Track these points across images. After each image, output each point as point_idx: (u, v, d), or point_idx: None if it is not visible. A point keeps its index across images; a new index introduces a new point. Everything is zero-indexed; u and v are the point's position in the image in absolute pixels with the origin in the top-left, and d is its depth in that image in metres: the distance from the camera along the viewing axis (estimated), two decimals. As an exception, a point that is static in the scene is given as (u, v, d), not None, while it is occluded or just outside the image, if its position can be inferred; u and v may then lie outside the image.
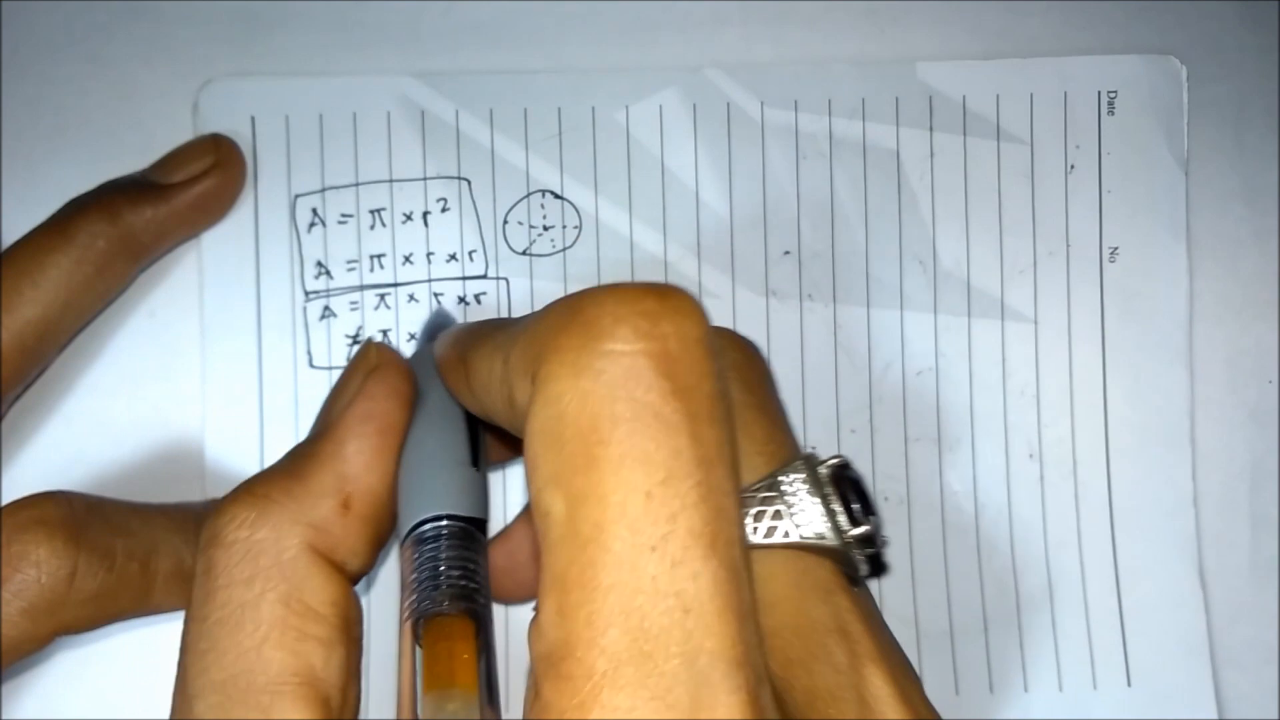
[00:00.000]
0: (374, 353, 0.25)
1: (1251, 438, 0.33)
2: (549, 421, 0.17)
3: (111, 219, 0.29)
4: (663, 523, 0.17)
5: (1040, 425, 0.33)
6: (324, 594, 0.21)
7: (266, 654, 0.20)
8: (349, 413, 0.23)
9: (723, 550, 0.17)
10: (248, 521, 0.22)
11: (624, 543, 0.16)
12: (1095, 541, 0.32)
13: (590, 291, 0.18)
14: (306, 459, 0.23)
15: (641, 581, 0.16)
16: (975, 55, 0.33)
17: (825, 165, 0.33)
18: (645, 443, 0.17)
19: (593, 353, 0.17)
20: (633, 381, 0.17)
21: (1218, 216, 0.33)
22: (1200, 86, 0.33)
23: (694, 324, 0.18)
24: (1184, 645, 0.32)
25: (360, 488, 0.23)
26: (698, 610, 0.16)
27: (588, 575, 0.16)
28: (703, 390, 0.18)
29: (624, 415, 0.17)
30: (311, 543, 0.22)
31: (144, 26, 0.32)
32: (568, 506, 0.17)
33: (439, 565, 0.21)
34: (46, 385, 0.31)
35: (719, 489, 0.17)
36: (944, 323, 0.33)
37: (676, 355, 0.17)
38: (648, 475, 0.17)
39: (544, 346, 0.18)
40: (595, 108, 0.32)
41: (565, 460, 0.17)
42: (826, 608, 0.20)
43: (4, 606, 0.24)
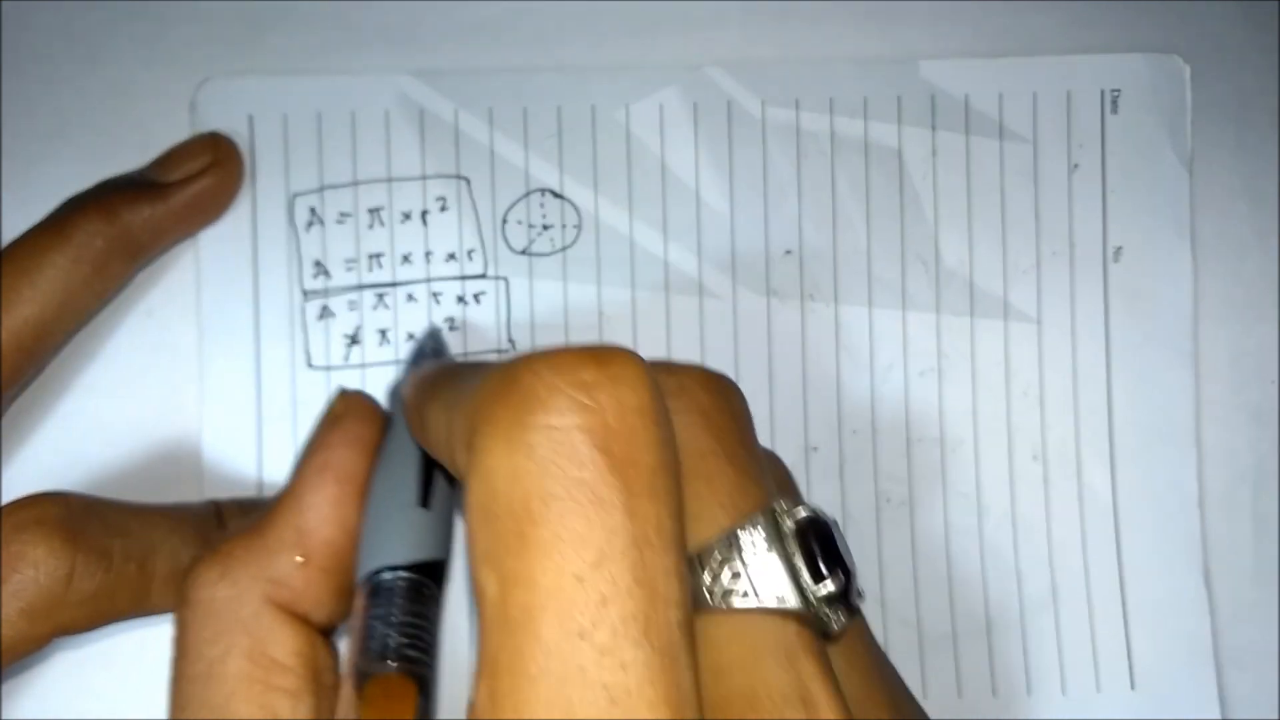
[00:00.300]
0: (339, 403, 0.25)
1: (1255, 438, 0.33)
2: (482, 497, 0.17)
3: (109, 218, 0.29)
4: (592, 608, 0.16)
5: (1044, 426, 0.32)
6: (288, 646, 0.22)
7: (235, 707, 0.21)
8: (307, 464, 0.24)
9: (656, 636, 0.16)
10: (210, 581, 0.22)
11: (553, 630, 0.16)
12: (1099, 543, 0.32)
13: (527, 359, 0.18)
14: (267, 516, 0.23)
15: (569, 671, 0.16)
16: (978, 54, 0.33)
17: (827, 164, 0.32)
18: (578, 523, 0.16)
19: (525, 426, 0.17)
20: (567, 457, 0.16)
21: (1222, 216, 0.33)
22: (1204, 85, 0.33)
23: (634, 392, 0.17)
24: (1188, 647, 0.32)
25: (317, 540, 0.23)
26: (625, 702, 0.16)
27: (517, 663, 0.16)
28: (643, 463, 0.17)
29: (557, 493, 0.16)
30: (272, 597, 0.22)
31: (141, 25, 0.32)
32: (500, 588, 0.16)
33: (388, 621, 0.21)
34: (44, 385, 0.31)
35: (656, 569, 0.16)
36: (947, 323, 0.32)
37: (614, 428, 0.17)
38: (579, 557, 0.16)
39: (479, 417, 0.17)
40: (595, 106, 0.32)
41: (498, 539, 0.17)
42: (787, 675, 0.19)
43: (1, 607, 0.24)
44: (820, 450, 0.32)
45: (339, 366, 0.31)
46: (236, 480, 0.31)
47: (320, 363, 0.31)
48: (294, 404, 0.31)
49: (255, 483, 0.31)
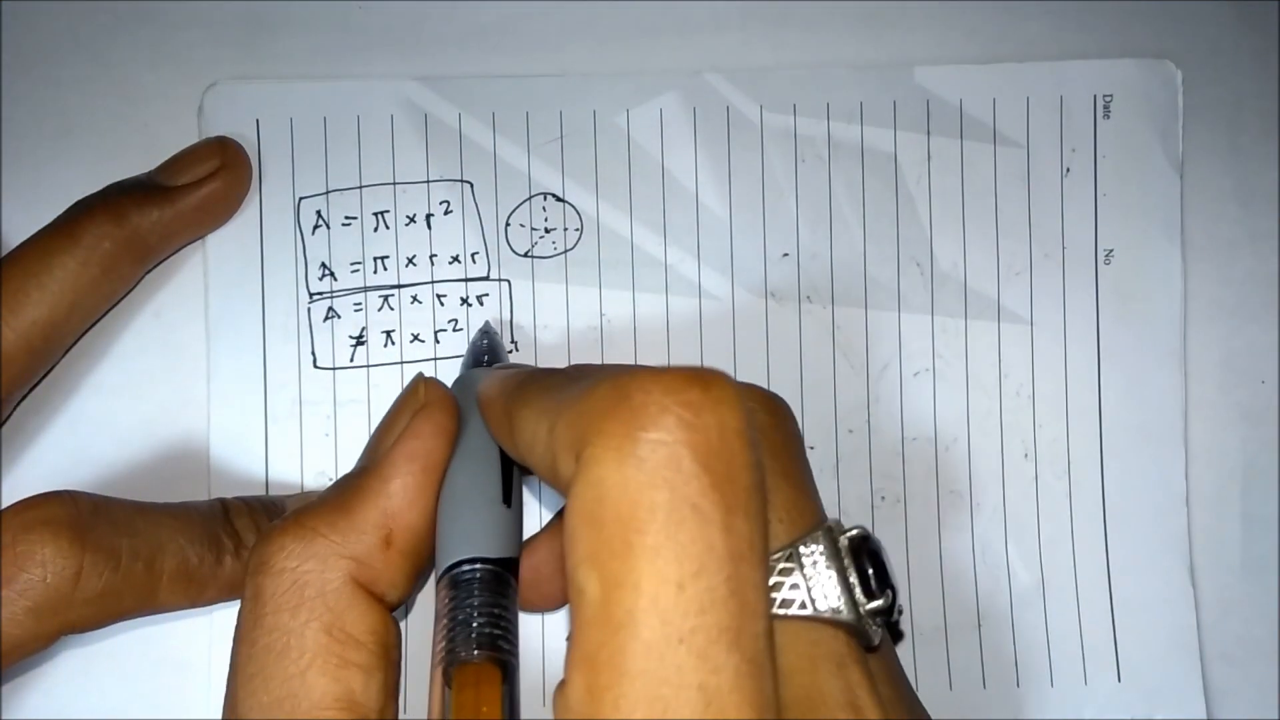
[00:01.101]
0: (423, 389, 0.25)
1: (1245, 437, 0.33)
2: (590, 503, 0.18)
3: (118, 221, 0.28)
4: (692, 616, 0.17)
5: (1035, 425, 0.33)
6: (365, 623, 0.22)
7: (310, 680, 0.21)
8: (396, 450, 0.24)
9: (747, 645, 0.17)
10: (295, 553, 0.22)
11: (654, 632, 0.17)
12: (1088, 540, 0.32)
13: (637, 376, 0.18)
14: (352, 493, 0.24)
15: (667, 672, 0.17)
16: (972, 59, 0.33)
17: (823, 168, 0.32)
18: (680, 535, 0.17)
19: (636, 441, 0.17)
20: (673, 472, 0.17)
21: (1212, 219, 0.33)
22: (1195, 90, 0.33)
23: (735, 415, 0.18)
24: (1173, 642, 0.32)
25: (402, 524, 0.23)
26: (718, 703, 0.17)
27: (617, 660, 0.17)
28: (740, 483, 0.18)
29: (662, 505, 0.17)
30: (354, 575, 0.23)
31: (149, 30, 0.31)
32: (602, 589, 0.17)
33: (469, 611, 0.22)
34: (52, 386, 0.30)
35: (748, 583, 0.17)
36: (941, 324, 0.32)
37: (716, 448, 0.18)
38: (680, 567, 0.17)
39: (589, 428, 0.18)
40: (596, 111, 0.32)
41: (603, 543, 0.17)
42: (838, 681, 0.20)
43: (9, 605, 0.24)
44: (817, 449, 0.32)
45: (344, 367, 0.31)
46: (243, 479, 0.31)
47: (326, 363, 0.31)
48: (300, 404, 0.31)
49: (262, 482, 0.31)
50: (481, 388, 0.25)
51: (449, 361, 0.31)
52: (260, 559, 0.23)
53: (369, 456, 0.25)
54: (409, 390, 0.26)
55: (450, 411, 0.25)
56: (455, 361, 0.31)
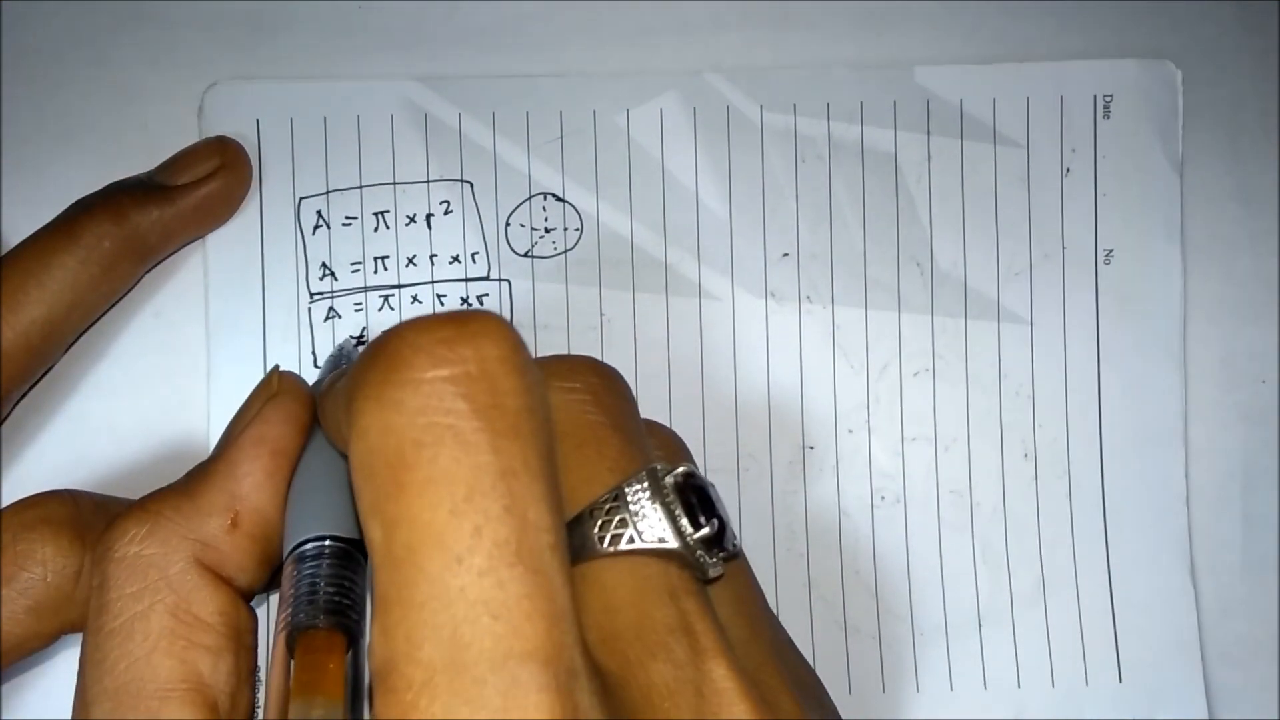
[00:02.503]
0: (275, 380, 0.25)
1: (1245, 437, 0.33)
2: (362, 455, 0.18)
3: (117, 220, 0.28)
4: (467, 536, 0.17)
5: (1035, 425, 0.32)
6: (212, 605, 0.22)
7: (155, 661, 0.21)
8: (244, 435, 0.24)
9: (529, 558, 0.17)
10: (137, 537, 0.22)
11: (433, 560, 0.17)
12: (1088, 540, 0.32)
13: (395, 327, 0.18)
14: (198, 478, 0.23)
15: (451, 594, 0.17)
16: (972, 59, 0.33)
17: (824, 168, 0.32)
18: (447, 463, 0.17)
19: (392, 384, 0.18)
20: (432, 407, 0.17)
21: (1213, 219, 0.33)
22: (1195, 90, 0.33)
23: (494, 344, 0.18)
24: (1175, 642, 0.32)
25: (248, 506, 0.23)
26: (505, 616, 0.17)
27: (404, 594, 0.17)
28: (505, 406, 0.18)
29: (425, 440, 0.17)
30: (199, 557, 0.22)
31: (149, 29, 0.31)
32: (384, 533, 0.17)
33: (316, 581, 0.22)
34: (52, 385, 0.30)
35: (524, 497, 0.17)
36: (941, 324, 0.32)
37: (475, 376, 0.18)
38: (450, 493, 0.17)
39: (354, 383, 0.18)
40: (596, 111, 0.32)
41: (378, 490, 0.17)
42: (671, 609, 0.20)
43: (9, 604, 0.24)
44: (817, 449, 0.32)
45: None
46: (243, 479, 0.30)
47: (326, 363, 0.31)
48: (300, 404, 0.31)
49: (261, 481, 0.31)
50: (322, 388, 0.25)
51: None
52: (104, 546, 0.22)
53: (220, 445, 0.25)
54: (263, 381, 0.26)
55: (303, 401, 0.25)
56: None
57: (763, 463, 0.32)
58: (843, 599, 0.32)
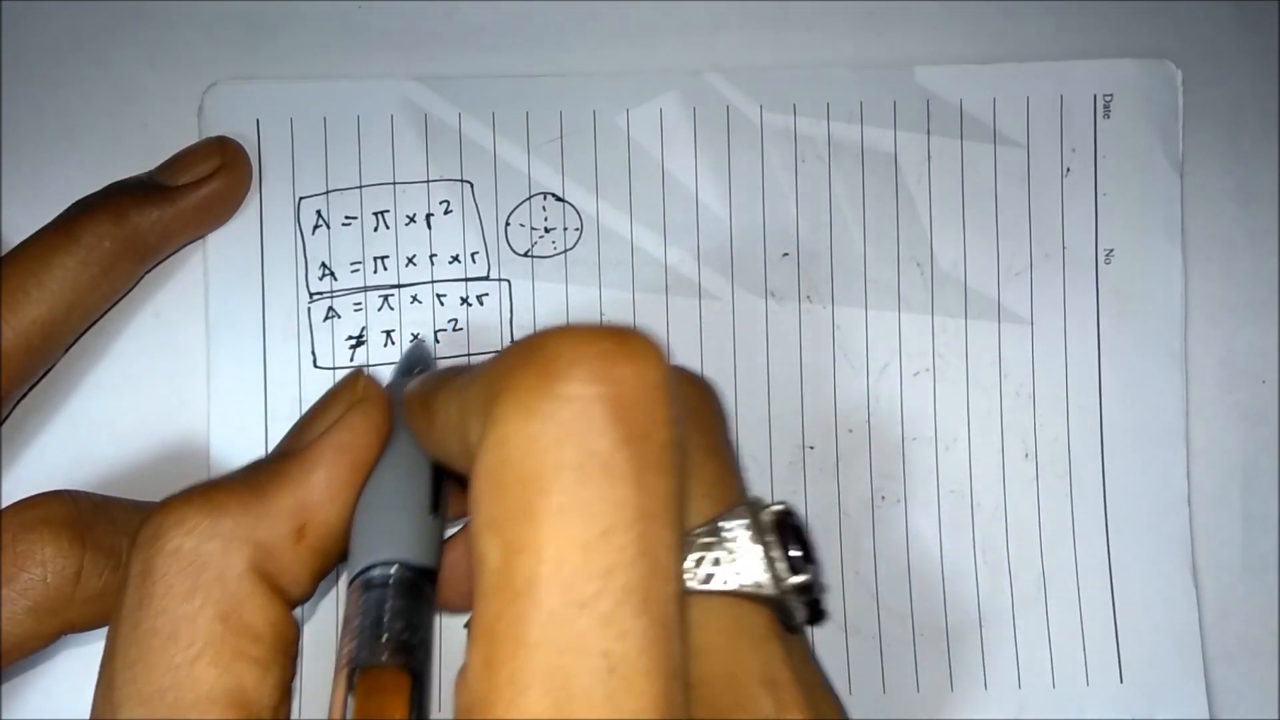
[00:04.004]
0: (361, 384, 0.24)
1: (1246, 437, 0.33)
2: (494, 464, 0.16)
3: (117, 220, 0.28)
4: (597, 578, 0.16)
5: (1036, 425, 0.32)
6: (264, 616, 0.20)
7: (199, 671, 0.19)
8: (325, 440, 0.22)
9: (655, 608, 0.16)
10: (197, 530, 0.20)
11: (555, 599, 0.16)
12: (1089, 540, 0.32)
13: (549, 331, 0.17)
14: (269, 476, 0.22)
15: (569, 640, 0.15)
16: (972, 59, 0.32)
17: (823, 168, 0.32)
18: (588, 493, 0.16)
19: (545, 395, 0.16)
20: (583, 427, 0.16)
21: (1213, 218, 0.33)
22: (1195, 89, 0.33)
23: (653, 368, 0.17)
24: (1176, 642, 0.32)
25: (318, 518, 0.22)
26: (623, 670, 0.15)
27: (516, 630, 0.16)
28: (655, 438, 0.17)
29: (570, 463, 0.16)
30: (259, 563, 0.21)
31: (149, 30, 0.31)
32: (503, 555, 0.16)
33: (383, 614, 0.20)
34: (52, 385, 0.30)
35: (659, 543, 0.16)
36: (941, 324, 0.32)
37: (631, 401, 0.16)
38: (587, 528, 0.16)
39: (498, 386, 0.17)
40: (596, 111, 0.32)
41: (504, 506, 0.16)
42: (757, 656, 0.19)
43: (9, 605, 0.24)
44: (816, 449, 0.32)
45: (344, 367, 0.31)
46: (243, 479, 0.30)
47: (326, 363, 0.31)
48: (300, 404, 0.31)
49: (261, 481, 0.30)
50: (407, 389, 0.23)
51: (450, 362, 0.31)
52: (154, 532, 0.20)
53: (292, 443, 0.23)
54: (345, 383, 0.24)
55: (386, 412, 0.23)
56: (456, 361, 0.31)
57: (763, 463, 0.31)
58: (843, 599, 0.31)
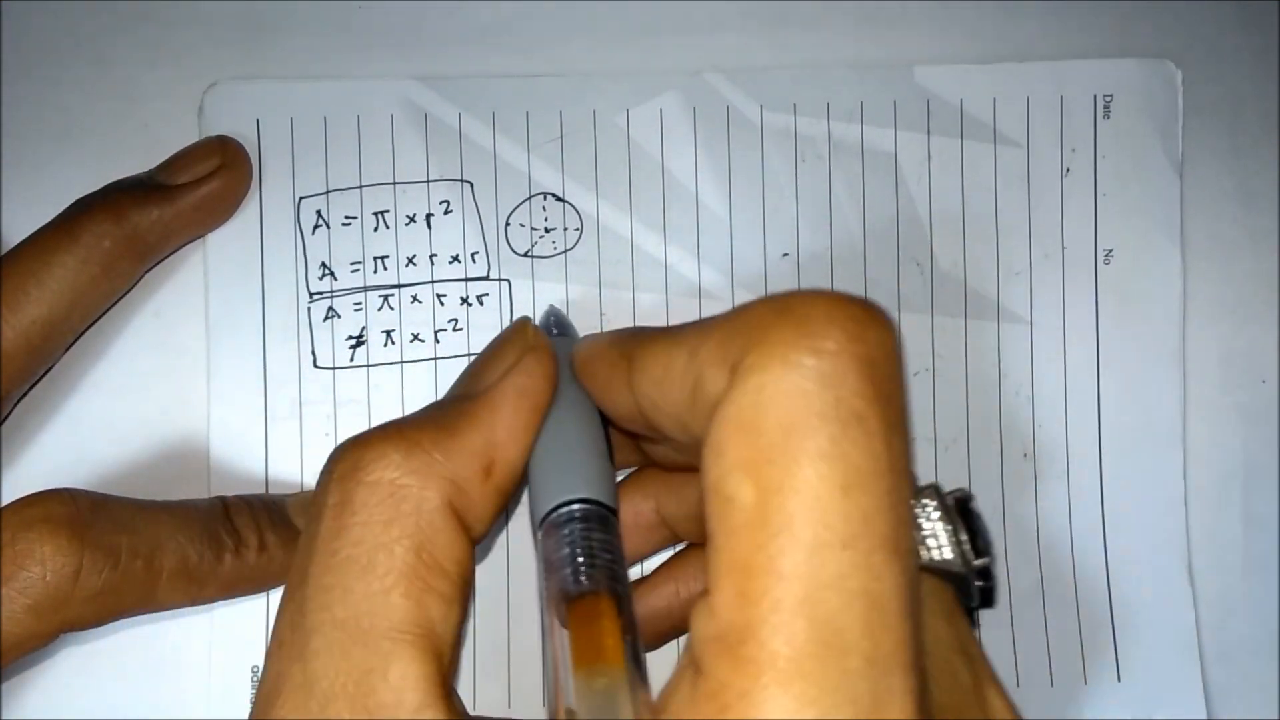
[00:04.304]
0: (531, 332, 0.25)
1: (1245, 437, 0.33)
2: (748, 409, 0.17)
3: (117, 219, 0.28)
4: (856, 521, 0.16)
5: (1035, 425, 0.32)
6: (452, 551, 0.21)
7: (393, 600, 0.20)
8: (506, 383, 0.23)
9: (904, 557, 0.17)
10: (396, 463, 0.21)
11: (817, 536, 0.16)
12: (1087, 540, 0.32)
13: (798, 293, 0.18)
14: (458, 416, 0.22)
15: (829, 576, 0.16)
16: (972, 59, 0.32)
17: (823, 168, 0.32)
18: (845, 443, 0.17)
19: (803, 349, 0.17)
20: (839, 381, 0.17)
21: (1213, 218, 0.33)
22: (1195, 89, 0.33)
23: (892, 336, 0.18)
24: (1173, 642, 0.32)
25: (503, 456, 0.22)
26: (880, 610, 0.16)
27: (776, 563, 0.16)
28: (896, 401, 0.17)
29: (829, 413, 0.17)
30: (451, 499, 0.21)
31: (149, 29, 0.31)
32: (759, 494, 0.17)
33: (583, 545, 0.21)
34: (52, 384, 0.30)
35: (904, 499, 0.17)
36: (940, 324, 0.32)
37: (879, 362, 0.17)
38: (845, 474, 0.16)
39: (751, 338, 0.18)
40: (596, 111, 0.31)
41: (761, 449, 0.17)
42: (950, 628, 0.20)
43: (9, 603, 0.24)
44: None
45: (344, 366, 0.31)
46: (243, 478, 0.30)
47: (326, 363, 0.31)
48: (299, 403, 0.31)
49: (262, 481, 0.30)
50: (582, 345, 0.24)
51: (449, 361, 0.31)
52: (354, 464, 0.21)
53: (469, 385, 0.24)
54: (515, 330, 0.25)
55: (554, 360, 0.24)
56: (456, 361, 0.31)
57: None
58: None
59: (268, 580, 0.28)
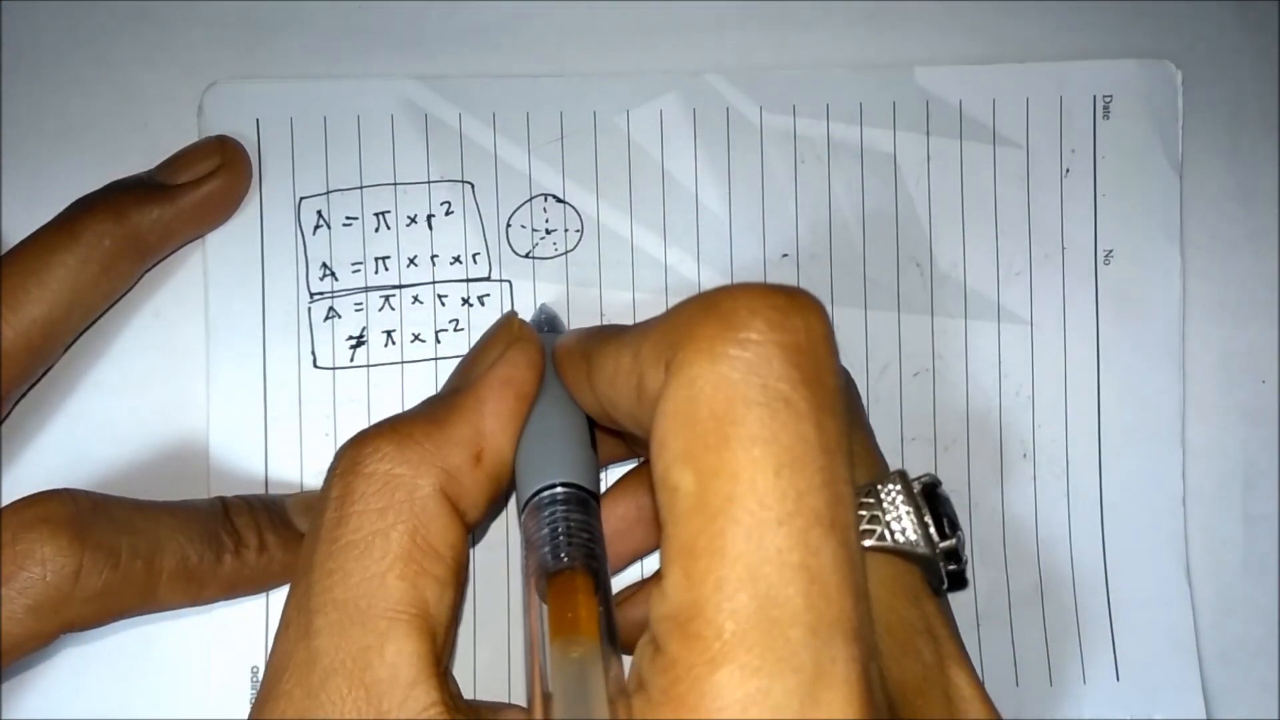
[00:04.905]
0: (516, 325, 0.26)
1: (1245, 437, 0.33)
2: (683, 403, 0.18)
3: (118, 219, 0.28)
4: (790, 500, 0.17)
5: (1034, 425, 0.32)
6: (446, 536, 0.22)
7: (389, 582, 0.21)
8: (491, 374, 0.24)
9: (840, 532, 0.17)
10: (389, 455, 0.22)
11: (753, 516, 0.17)
12: (1085, 539, 0.32)
13: (725, 288, 0.19)
14: (446, 408, 0.24)
15: (768, 552, 0.17)
16: (972, 60, 0.32)
17: (823, 169, 0.32)
18: (774, 426, 0.17)
19: (728, 341, 0.18)
20: (764, 369, 0.18)
21: (1213, 218, 0.33)
22: (1195, 89, 0.32)
23: (820, 322, 0.19)
24: (1171, 641, 0.32)
25: (492, 445, 0.23)
26: (821, 583, 0.17)
27: (717, 544, 0.17)
28: (826, 383, 0.18)
29: (756, 399, 0.17)
30: (443, 486, 0.22)
31: (149, 29, 0.31)
32: (698, 481, 0.17)
33: (561, 525, 0.22)
34: (51, 384, 0.30)
35: (839, 477, 0.18)
36: (940, 324, 0.32)
37: (805, 348, 0.18)
38: (777, 456, 0.17)
39: (681, 335, 0.18)
40: (596, 111, 0.31)
41: (697, 439, 0.18)
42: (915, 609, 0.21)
43: (8, 604, 0.24)
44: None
45: (344, 367, 0.31)
46: (243, 478, 0.30)
47: (326, 363, 0.31)
48: (299, 403, 0.30)
49: (262, 481, 0.30)
50: (558, 342, 0.25)
51: (450, 361, 0.31)
52: (352, 459, 0.22)
53: (460, 379, 0.25)
54: (501, 324, 0.26)
55: (540, 351, 0.25)
56: (457, 362, 0.31)
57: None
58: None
59: (268, 580, 0.28)
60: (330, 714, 0.20)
